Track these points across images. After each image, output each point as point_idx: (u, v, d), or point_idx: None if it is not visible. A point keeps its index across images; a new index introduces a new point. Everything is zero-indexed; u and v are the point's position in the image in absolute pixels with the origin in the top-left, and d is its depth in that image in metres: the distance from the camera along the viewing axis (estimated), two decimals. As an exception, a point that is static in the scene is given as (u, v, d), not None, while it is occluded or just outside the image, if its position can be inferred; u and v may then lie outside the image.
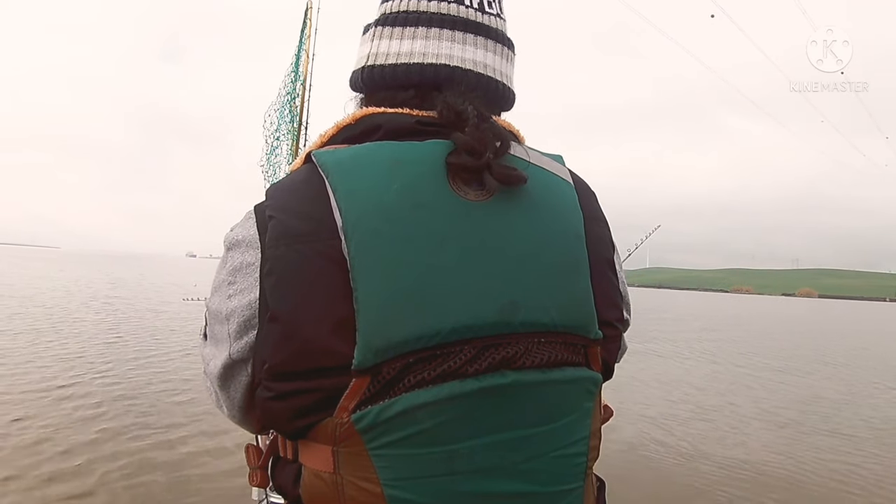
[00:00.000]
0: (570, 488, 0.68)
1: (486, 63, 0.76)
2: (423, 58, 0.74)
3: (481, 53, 0.75)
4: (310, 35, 3.52)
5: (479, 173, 0.66)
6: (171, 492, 3.40)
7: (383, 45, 0.76)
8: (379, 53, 0.76)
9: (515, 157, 0.70)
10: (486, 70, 0.76)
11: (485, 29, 0.76)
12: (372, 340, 0.60)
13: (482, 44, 0.75)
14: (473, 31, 0.75)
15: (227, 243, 0.72)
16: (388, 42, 0.76)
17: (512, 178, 0.66)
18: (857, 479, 4.44)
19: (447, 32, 0.74)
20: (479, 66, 0.75)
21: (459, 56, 0.74)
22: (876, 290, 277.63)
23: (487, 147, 0.66)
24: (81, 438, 4.17)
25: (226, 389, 0.74)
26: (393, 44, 0.75)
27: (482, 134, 0.67)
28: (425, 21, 0.74)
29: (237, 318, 0.69)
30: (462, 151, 0.66)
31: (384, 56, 0.76)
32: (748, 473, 4.39)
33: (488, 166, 0.66)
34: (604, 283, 0.72)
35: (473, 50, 0.75)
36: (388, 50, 0.76)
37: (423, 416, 0.61)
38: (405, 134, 0.70)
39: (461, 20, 0.75)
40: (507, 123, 0.77)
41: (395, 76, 0.75)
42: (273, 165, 3.48)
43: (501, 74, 0.78)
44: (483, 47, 0.76)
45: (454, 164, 0.66)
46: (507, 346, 0.64)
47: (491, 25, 0.76)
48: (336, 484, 0.63)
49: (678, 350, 12.37)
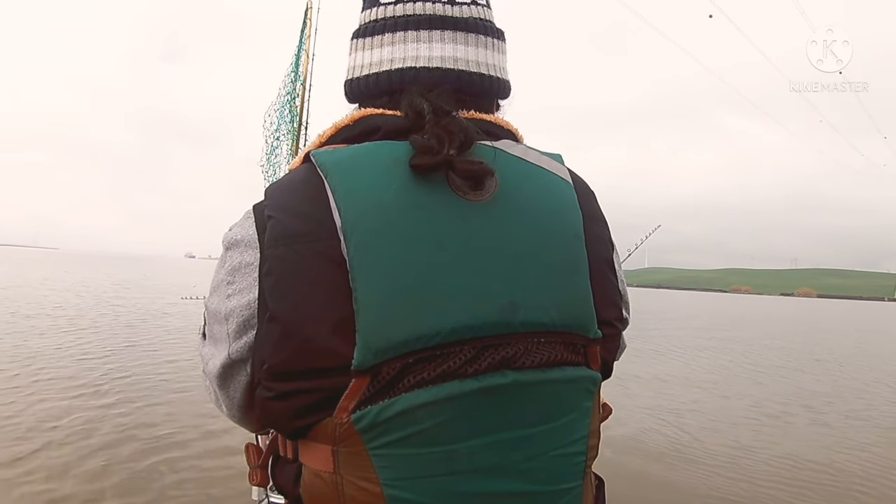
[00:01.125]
0: (569, 487, 0.69)
1: (455, 56, 0.75)
2: (391, 64, 0.75)
3: (450, 48, 0.74)
4: (310, 35, 3.52)
5: (438, 171, 0.65)
6: (172, 491, 3.40)
7: (359, 58, 0.79)
8: (356, 66, 0.79)
9: (487, 147, 0.68)
10: (456, 64, 0.75)
11: (452, 22, 0.75)
12: (371, 341, 0.60)
13: (450, 37, 0.75)
14: (439, 27, 0.74)
15: (225, 243, 0.72)
16: (362, 54, 0.78)
17: (474, 171, 0.65)
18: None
19: (411, 34, 0.74)
20: (448, 61, 0.74)
21: (425, 55, 0.74)
22: (875, 289, 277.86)
23: (445, 143, 0.65)
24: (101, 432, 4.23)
25: (225, 389, 0.74)
26: (366, 55, 0.78)
27: (440, 130, 0.66)
28: (391, 27, 0.75)
29: (236, 317, 0.69)
30: (419, 152, 0.65)
31: (360, 68, 0.78)
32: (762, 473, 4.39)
33: (449, 162, 0.65)
34: (603, 282, 0.72)
35: (441, 46, 0.74)
36: (363, 61, 0.78)
37: (422, 416, 0.61)
38: (404, 135, 0.70)
39: (426, 18, 0.74)
40: (500, 120, 0.77)
41: (368, 86, 0.77)
42: (273, 165, 3.48)
43: (478, 64, 0.76)
44: (452, 41, 0.75)
45: (416, 165, 0.65)
46: (506, 346, 0.64)
47: (461, 16, 0.75)
48: (336, 484, 0.63)
49: (678, 351, 12.37)
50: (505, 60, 0.80)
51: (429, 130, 0.66)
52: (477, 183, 0.66)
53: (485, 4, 0.78)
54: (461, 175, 0.65)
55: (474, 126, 0.68)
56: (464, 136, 0.66)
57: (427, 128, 0.67)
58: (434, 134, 0.66)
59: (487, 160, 0.66)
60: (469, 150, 0.66)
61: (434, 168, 0.64)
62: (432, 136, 0.65)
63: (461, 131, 0.66)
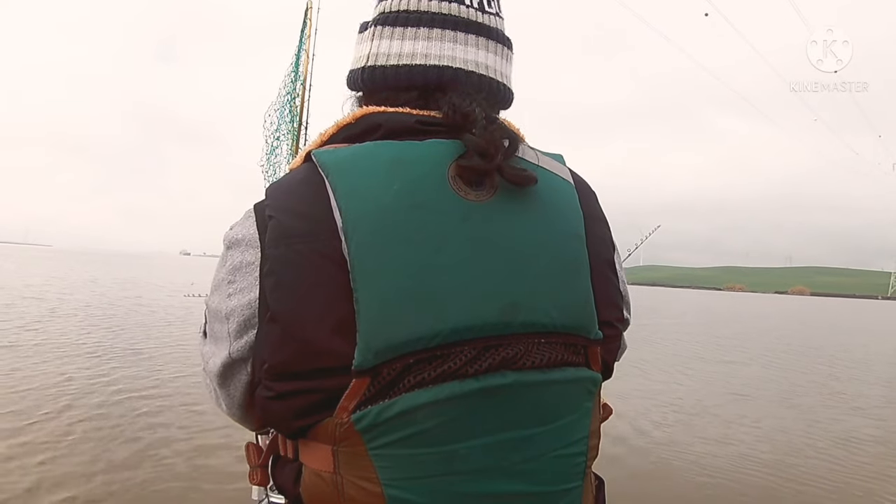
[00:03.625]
0: (569, 488, 0.69)
1: (487, 64, 0.75)
2: (426, 59, 0.73)
3: (483, 54, 0.75)
4: (310, 35, 3.52)
5: (489, 175, 0.66)
6: (171, 491, 3.39)
7: (384, 46, 0.75)
8: (380, 54, 0.75)
9: (522, 158, 0.70)
10: (487, 71, 0.75)
11: (486, 29, 0.75)
12: (372, 341, 0.60)
13: (483, 44, 0.75)
14: (475, 32, 0.75)
15: (226, 242, 0.72)
16: (388, 42, 0.75)
17: (523, 178, 0.66)
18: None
19: (449, 33, 0.74)
20: (482, 67, 0.75)
21: (462, 57, 0.74)
22: (868, 287, 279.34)
23: (498, 149, 0.66)
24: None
25: (225, 388, 0.74)
26: (394, 44, 0.74)
27: (491, 135, 0.67)
28: (426, 21, 0.73)
29: (237, 317, 0.69)
30: (473, 154, 0.66)
31: (385, 56, 0.75)
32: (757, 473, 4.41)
33: (499, 168, 0.66)
34: (604, 282, 0.73)
35: (475, 51, 0.75)
36: (390, 50, 0.75)
37: (423, 416, 0.61)
38: (405, 133, 0.70)
39: (462, 20, 0.74)
40: (510, 124, 0.77)
41: (398, 77, 0.74)
42: (273, 165, 3.48)
43: (501, 75, 0.78)
44: (484, 48, 0.75)
45: (465, 166, 0.65)
46: (507, 346, 0.64)
47: (491, 25, 0.76)
48: (336, 483, 0.63)
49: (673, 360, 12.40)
50: (512, 71, 0.81)
51: (479, 134, 0.67)
52: (479, 183, 0.66)
53: (503, 17, 0.79)
54: (510, 180, 0.66)
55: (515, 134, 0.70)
56: (510, 143, 0.67)
57: (477, 132, 0.67)
58: (487, 139, 0.66)
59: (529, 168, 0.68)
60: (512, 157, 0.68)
61: (484, 172, 0.65)
62: (485, 141, 0.66)
63: (508, 138, 0.68)
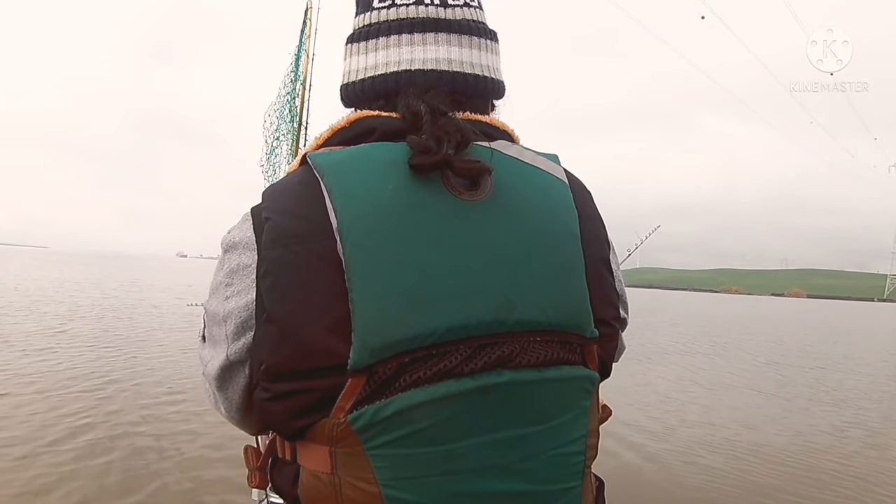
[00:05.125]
0: (567, 487, 0.69)
1: (450, 58, 0.76)
2: (386, 67, 0.76)
3: (444, 50, 0.75)
4: (310, 35, 3.52)
5: (441, 169, 0.65)
6: (171, 491, 3.38)
7: (354, 62, 0.79)
8: (351, 70, 0.80)
9: (483, 147, 0.69)
10: (450, 66, 0.75)
11: (445, 24, 0.76)
12: (367, 340, 0.60)
13: (444, 39, 0.75)
14: (433, 30, 0.75)
15: (224, 245, 0.73)
16: (356, 58, 0.79)
17: (472, 170, 0.66)
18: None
19: (405, 37, 0.75)
20: (442, 62, 0.75)
21: (420, 58, 0.75)
22: (864, 290, 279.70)
23: (443, 143, 0.66)
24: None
25: (224, 391, 0.74)
26: (360, 59, 0.78)
27: (438, 130, 0.67)
28: (384, 31, 0.76)
29: (234, 319, 0.70)
30: (418, 152, 0.66)
31: (355, 73, 0.79)
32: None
33: (447, 162, 0.65)
34: (599, 281, 0.73)
35: (435, 48, 0.75)
36: (358, 66, 0.79)
37: (419, 415, 0.62)
38: (400, 136, 0.70)
39: (419, 21, 0.75)
40: (495, 121, 0.77)
41: (364, 90, 0.78)
42: (273, 165, 3.47)
43: (472, 65, 0.77)
44: (446, 43, 0.75)
45: (414, 165, 0.65)
46: (502, 345, 0.64)
47: (454, 18, 0.76)
48: (334, 484, 0.63)
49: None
50: (498, 61, 0.81)
51: (426, 131, 0.67)
52: (473, 183, 0.66)
53: (476, 6, 0.79)
54: (459, 174, 0.65)
55: (470, 126, 0.69)
56: (460, 135, 0.67)
57: (424, 128, 0.67)
58: (432, 134, 0.66)
59: (484, 160, 0.67)
60: (466, 150, 0.67)
61: (433, 168, 0.65)
62: (430, 137, 0.66)
63: (458, 131, 0.67)
